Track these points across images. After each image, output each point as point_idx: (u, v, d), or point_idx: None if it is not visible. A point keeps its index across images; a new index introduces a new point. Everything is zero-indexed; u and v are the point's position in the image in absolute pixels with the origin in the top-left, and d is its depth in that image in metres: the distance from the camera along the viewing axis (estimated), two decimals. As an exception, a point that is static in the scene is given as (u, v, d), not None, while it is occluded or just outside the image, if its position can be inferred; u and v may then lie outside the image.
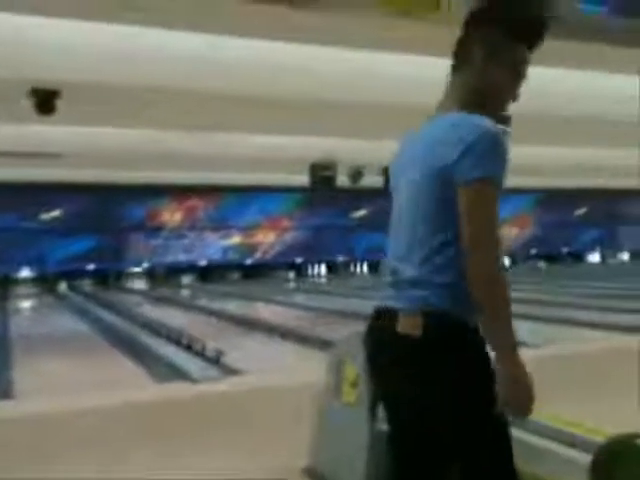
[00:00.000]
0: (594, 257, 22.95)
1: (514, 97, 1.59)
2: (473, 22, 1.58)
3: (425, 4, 3.63)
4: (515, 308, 1.48)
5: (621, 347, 4.62)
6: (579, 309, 8.96)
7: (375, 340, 1.60)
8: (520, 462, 1.53)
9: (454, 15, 3.58)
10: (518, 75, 1.58)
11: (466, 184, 1.43)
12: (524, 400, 1.44)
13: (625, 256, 23.43)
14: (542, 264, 21.29)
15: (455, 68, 1.60)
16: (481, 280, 1.41)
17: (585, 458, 2.10)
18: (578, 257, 22.14)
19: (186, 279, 18.39)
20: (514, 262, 20.56)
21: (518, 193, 18.64)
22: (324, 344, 5.67)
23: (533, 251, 21.28)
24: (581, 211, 21.85)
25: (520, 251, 21.11)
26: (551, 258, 21.48)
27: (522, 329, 6.30)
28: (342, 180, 12.76)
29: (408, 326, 1.49)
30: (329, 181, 12.26)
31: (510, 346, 1.43)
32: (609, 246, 22.90)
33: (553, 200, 20.50)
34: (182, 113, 7.98)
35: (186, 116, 8.18)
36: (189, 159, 11.86)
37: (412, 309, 1.50)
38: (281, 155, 11.30)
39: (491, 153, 1.43)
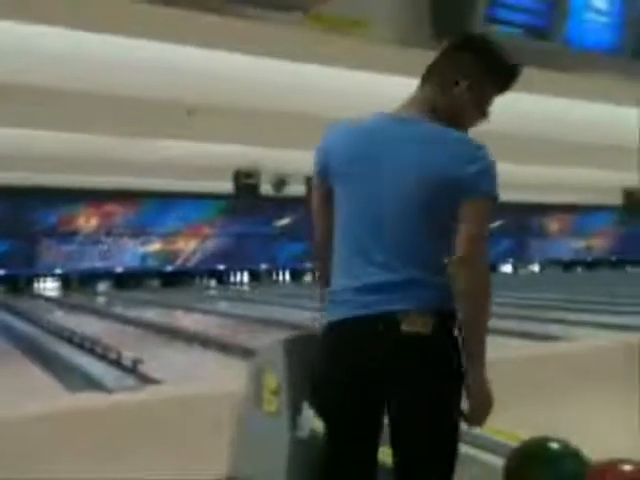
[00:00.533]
0: (507, 268, 23.92)
1: (466, 129, 1.65)
2: (459, 47, 1.63)
3: (351, 21, 3.69)
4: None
5: (536, 355, 4.81)
6: (496, 317, 9.28)
7: (368, 343, 1.51)
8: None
9: (379, 32, 3.66)
10: (480, 111, 1.65)
11: (476, 199, 1.50)
12: (486, 410, 1.54)
13: (535, 267, 24.55)
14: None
15: (426, 81, 1.64)
16: (475, 292, 1.48)
17: (501, 462, 2.17)
18: (492, 267, 23.03)
19: (102, 286, 17.81)
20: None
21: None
22: (246, 352, 5.63)
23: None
24: (496, 223, 22.71)
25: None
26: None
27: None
28: (266, 189, 12.75)
29: (416, 325, 1.48)
30: (253, 189, 12.22)
31: (483, 356, 1.52)
32: (520, 258, 23.95)
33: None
34: (103, 117, 7.77)
35: (107, 121, 7.97)
36: (108, 164, 11.54)
37: (418, 308, 1.49)
38: (204, 162, 11.18)
39: (496, 175, 1.55)
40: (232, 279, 19.56)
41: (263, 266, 19.77)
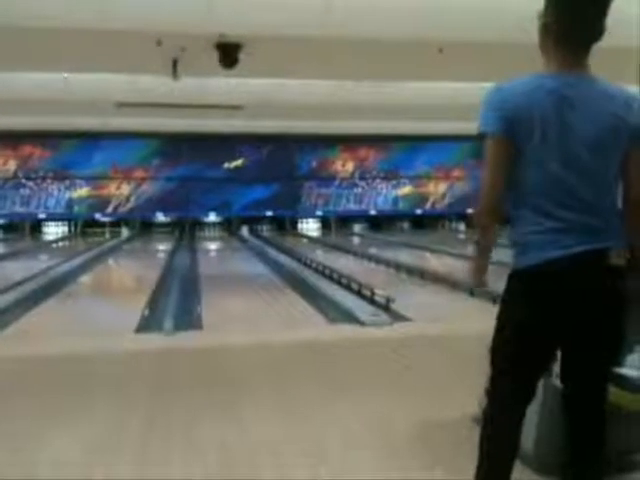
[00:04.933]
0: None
1: None
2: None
3: None
4: None
5: None
6: None
7: (586, 275, 1.76)
8: None
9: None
10: None
11: None
12: None
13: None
14: None
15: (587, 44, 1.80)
16: None
17: None
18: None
19: (357, 227, 18.79)
20: None
21: None
22: (496, 297, 5.55)
23: None
24: None
25: None
26: None
27: None
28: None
29: (618, 259, 1.77)
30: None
31: None
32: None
33: None
34: (357, 63, 8.00)
35: (362, 66, 8.19)
36: (361, 109, 11.93)
37: (618, 246, 1.77)
38: (453, 102, 10.98)
39: None
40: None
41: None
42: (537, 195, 1.77)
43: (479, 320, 4.56)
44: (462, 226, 19.19)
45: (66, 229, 17.62)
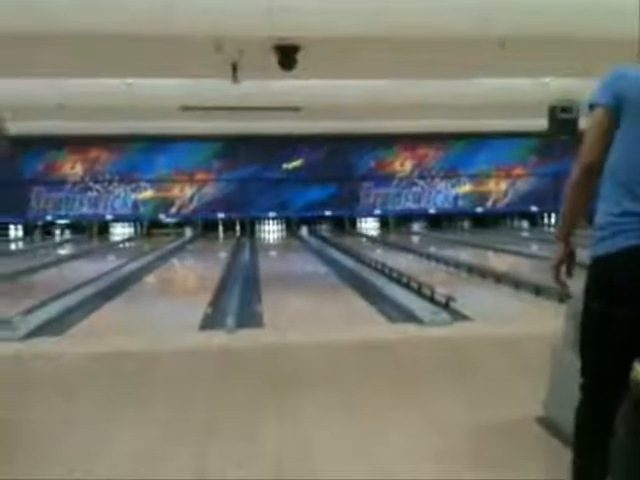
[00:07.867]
0: None
1: None
2: None
3: None
4: None
5: None
6: None
7: None
8: None
9: None
10: None
11: None
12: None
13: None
14: None
15: None
16: None
17: None
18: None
19: (416, 226, 18.64)
20: None
21: None
22: (563, 296, 5.41)
23: None
24: None
25: None
26: None
27: None
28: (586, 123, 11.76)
29: None
30: (571, 125, 11.39)
31: None
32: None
33: None
34: (414, 60, 7.96)
35: (416, 64, 8.15)
36: (419, 107, 11.83)
37: None
38: (514, 98, 10.77)
39: None
40: (546, 221, 18.73)
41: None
42: (622, 174, 1.73)
43: (543, 320, 4.49)
44: (525, 224, 18.78)
45: (132, 230, 18.17)
